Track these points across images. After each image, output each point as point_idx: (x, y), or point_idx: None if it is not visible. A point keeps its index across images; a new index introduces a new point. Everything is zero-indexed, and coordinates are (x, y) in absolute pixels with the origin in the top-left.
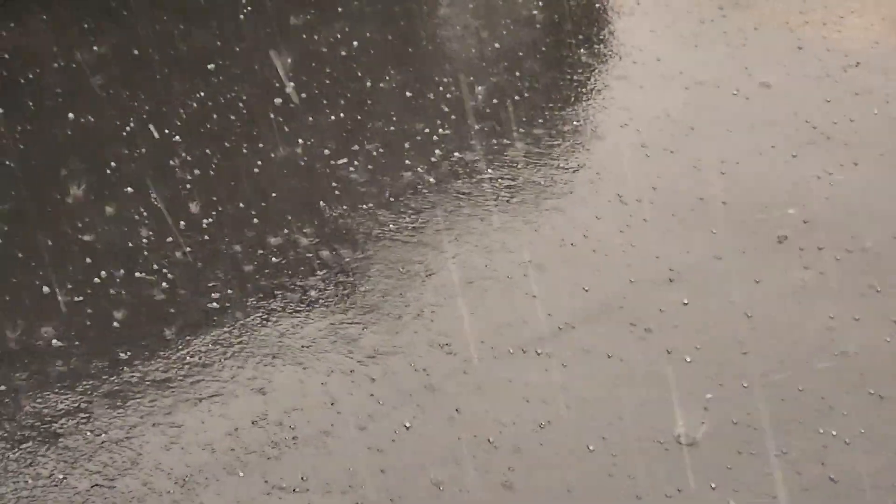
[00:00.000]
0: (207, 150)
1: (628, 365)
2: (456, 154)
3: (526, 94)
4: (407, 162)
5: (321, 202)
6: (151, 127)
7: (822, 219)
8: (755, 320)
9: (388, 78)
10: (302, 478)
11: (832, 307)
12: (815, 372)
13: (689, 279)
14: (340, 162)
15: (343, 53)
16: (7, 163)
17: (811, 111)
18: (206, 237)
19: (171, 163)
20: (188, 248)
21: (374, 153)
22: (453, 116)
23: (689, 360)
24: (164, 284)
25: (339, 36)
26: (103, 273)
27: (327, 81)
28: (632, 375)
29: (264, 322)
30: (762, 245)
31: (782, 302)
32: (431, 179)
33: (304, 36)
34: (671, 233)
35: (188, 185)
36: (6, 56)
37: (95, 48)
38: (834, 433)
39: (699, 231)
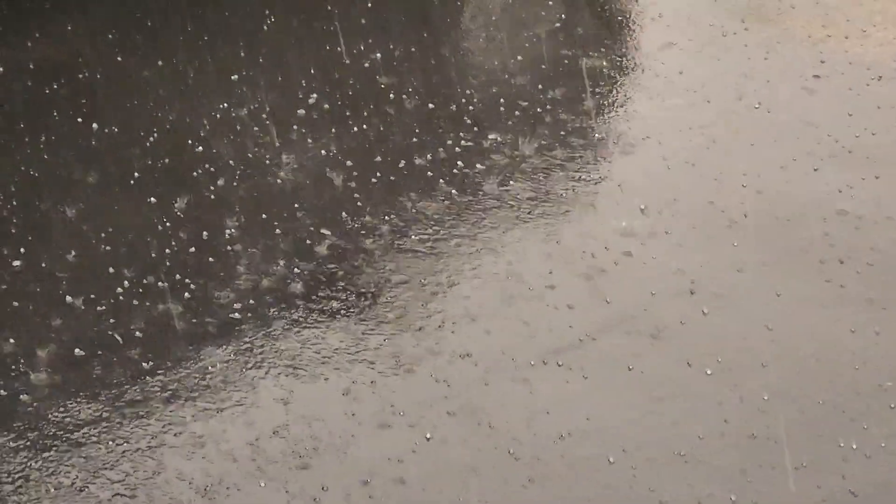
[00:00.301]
0: (231, 161)
1: (649, 377)
2: (478, 165)
3: (548, 107)
4: (429, 173)
5: (343, 213)
6: (175, 137)
7: (843, 232)
8: (776, 333)
9: (410, 89)
10: (323, 488)
11: (853, 320)
12: (836, 384)
13: (709, 291)
14: (363, 173)
15: (366, 65)
16: (32, 172)
17: (833, 124)
18: (229, 247)
19: (195, 173)
20: (210, 258)
21: (397, 164)
22: (475, 128)
23: (709, 372)
24: (186, 294)
25: (361, 47)
26: (126, 282)
27: (350, 93)
28: (652, 387)
29: (286, 333)
30: (783, 258)
31: (803, 314)
32: (453, 191)
33: (328, 47)
34: (692, 245)
35: (211, 196)
36: (31, 66)
37: (120, 58)
38: (854, 446)
39: (720, 243)
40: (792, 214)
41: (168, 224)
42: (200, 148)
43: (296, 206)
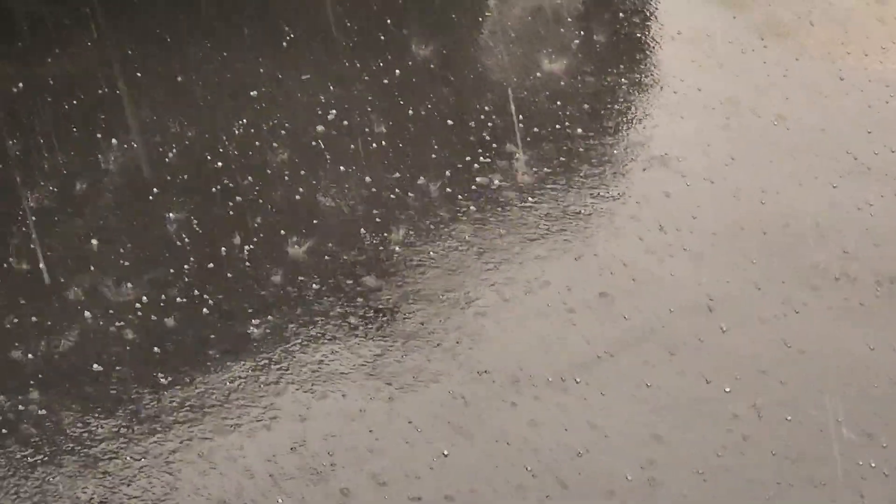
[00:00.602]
0: (249, 177)
1: (666, 393)
2: (496, 182)
3: (567, 123)
4: (448, 190)
5: (362, 229)
6: (194, 153)
7: (861, 249)
8: (794, 350)
9: (429, 106)
10: None
11: (871, 337)
12: (854, 402)
13: (728, 308)
14: (382, 190)
15: (385, 81)
16: (50, 187)
17: (852, 142)
18: (247, 263)
19: (213, 189)
20: (229, 274)
21: (416, 181)
22: (494, 145)
23: (727, 389)
24: (204, 310)
25: (381, 64)
26: (144, 298)
27: (369, 109)
28: (670, 404)
29: (304, 348)
30: (801, 274)
31: (821, 331)
32: (472, 207)
33: (346, 63)
34: (710, 262)
35: (230, 212)
36: (50, 82)
37: (139, 74)
38: (873, 464)
39: (739, 260)
40: (810, 231)
41: (186, 239)
42: (219, 164)
43: (314, 221)
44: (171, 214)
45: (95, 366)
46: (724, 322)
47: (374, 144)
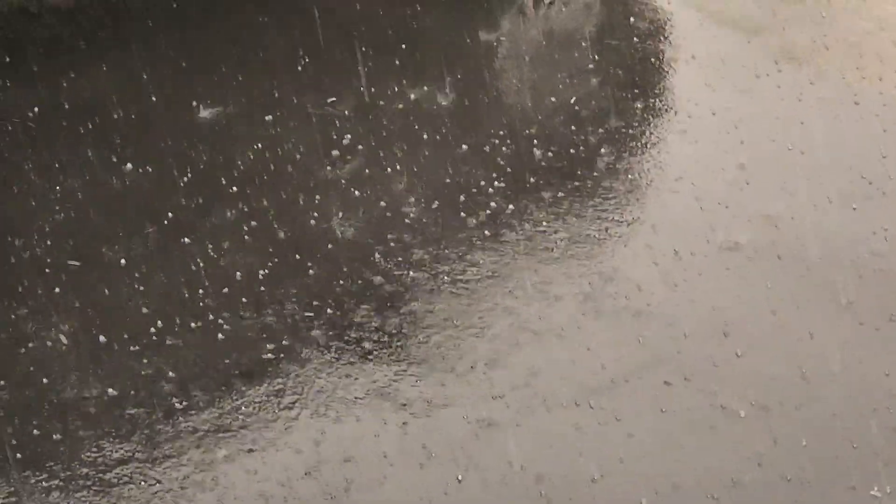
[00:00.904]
0: (265, 201)
1: (681, 418)
2: (511, 207)
3: (581, 148)
4: (462, 214)
5: (376, 254)
6: (208, 177)
7: (877, 274)
8: (809, 375)
9: (444, 131)
10: None
11: (887, 362)
12: (869, 429)
13: (743, 333)
14: (396, 214)
15: (400, 106)
16: (66, 212)
17: (867, 166)
18: (262, 288)
19: (228, 214)
20: (244, 300)
21: (430, 205)
22: (509, 169)
23: (743, 414)
24: (219, 336)
25: (396, 89)
26: (160, 323)
27: (384, 133)
28: (685, 429)
29: (318, 374)
30: (817, 299)
31: (836, 356)
32: (486, 232)
33: (361, 89)
34: (726, 287)
35: (245, 237)
36: (66, 106)
37: (154, 98)
38: (889, 490)
39: (754, 285)
40: (826, 256)
41: (201, 264)
42: (234, 188)
43: (329, 246)
44: (185, 239)
45: (111, 390)
46: (739, 347)
47: (389, 169)
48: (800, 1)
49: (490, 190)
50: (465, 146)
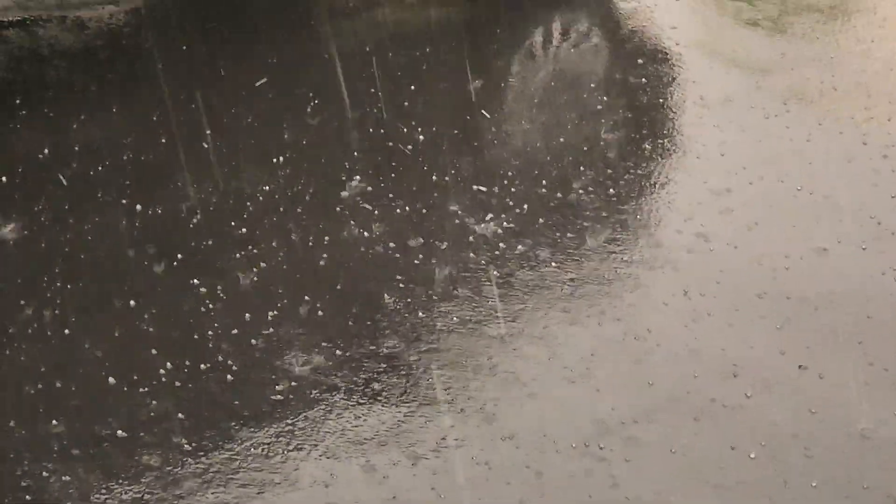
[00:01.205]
0: (274, 243)
1: (692, 461)
2: (520, 247)
3: (590, 188)
4: (471, 255)
5: (385, 295)
6: (218, 219)
7: (885, 314)
8: (819, 416)
9: (453, 171)
10: None
11: None
12: (882, 469)
13: (752, 374)
14: (405, 254)
15: (409, 147)
16: (76, 253)
17: (876, 207)
18: (271, 329)
19: (238, 255)
20: (252, 341)
21: (440, 246)
22: (517, 210)
23: (753, 456)
24: (228, 377)
25: (404, 130)
26: (168, 364)
27: (393, 175)
28: (695, 472)
29: (327, 414)
30: (826, 340)
31: (846, 398)
32: (496, 272)
33: (371, 130)
34: (735, 328)
35: (254, 278)
36: (76, 148)
37: (164, 140)
38: None
39: (763, 326)
40: (835, 296)
41: (211, 306)
42: (244, 230)
43: (338, 287)
44: (194, 280)
45: (120, 432)
46: (748, 388)
47: (398, 210)
48: (808, 42)
49: (499, 231)
50: (473, 186)
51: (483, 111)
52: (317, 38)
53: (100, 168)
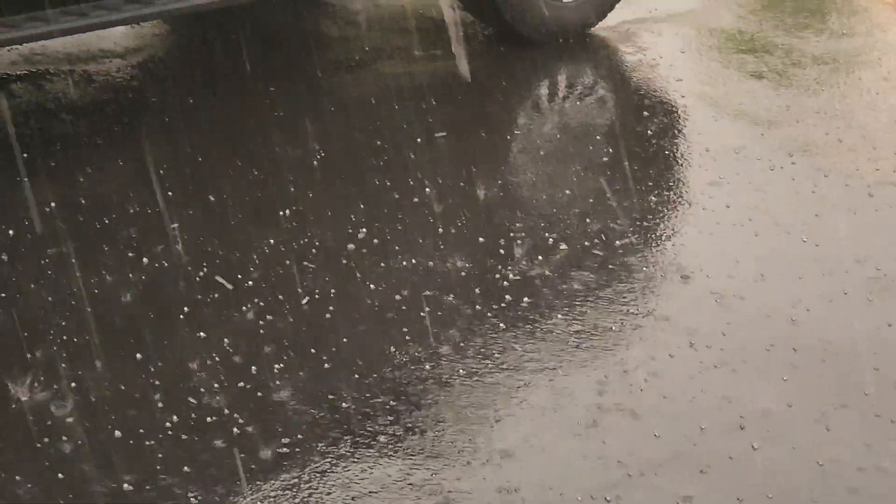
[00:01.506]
0: (280, 296)
1: None
2: (526, 299)
3: (596, 240)
4: (477, 307)
5: (392, 347)
6: (224, 272)
7: (893, 367)
8: (827, 468)
9: (459, 224)
10: None
11: None
12: None
13: (759, 426)
14: (411, 307)
15: (416, 200)
16: (81, 307)
17: (883, 259)
18: (278, 382)
19: (244, 308)
20: (259, 394)
21: (446, 298)
22: (523, 262)
23: None
24: (234, 430)
25: (411, 182)
26: (175, 417)
27: (399, 227)
28: None
29: (334, 467)
30: (834, 392)
31: (853, 449)
32: (501, 325)
33: (377, 182)
34: (742, 379)
35: (261, 331)
36: (82, 201)
37: (170, 193)
38: None
39: (770, 378)
40: (842, 349)
41: (217, 359)
42: (249, 283)
43: (344, 340)
44: (201, 334)
45: (126, 486)
46: (755, 440)
47: (405, 262)
48: (814, 94)
49: (505, 283)
50: (480, 239)
51: (488, 163)
52: (322, 91)
53: (106, 221)
